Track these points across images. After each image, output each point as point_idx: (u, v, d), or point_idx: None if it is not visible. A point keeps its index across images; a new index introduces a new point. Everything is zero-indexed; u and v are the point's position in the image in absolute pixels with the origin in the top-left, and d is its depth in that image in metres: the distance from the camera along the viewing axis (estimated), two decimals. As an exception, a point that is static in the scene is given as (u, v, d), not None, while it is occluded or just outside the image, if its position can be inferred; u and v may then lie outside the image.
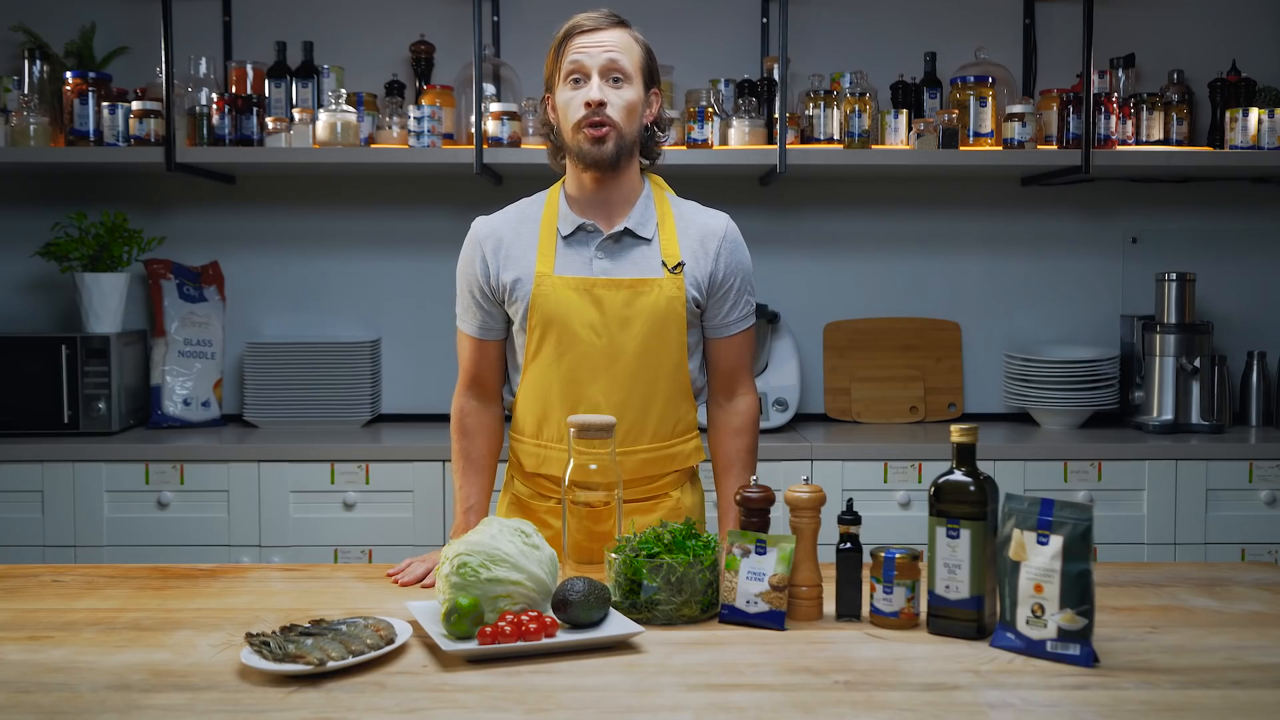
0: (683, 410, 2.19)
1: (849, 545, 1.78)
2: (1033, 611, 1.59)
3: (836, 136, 3.41)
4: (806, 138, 3.42)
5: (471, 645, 1.58)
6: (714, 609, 1.77)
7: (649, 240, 2.13)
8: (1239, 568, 2.10)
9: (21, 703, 1.43)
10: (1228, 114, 3.44)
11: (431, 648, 1.62)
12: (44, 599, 1.88)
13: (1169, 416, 3.41)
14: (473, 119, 3.29)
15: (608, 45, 2.06)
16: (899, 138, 3.38)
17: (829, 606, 1.79)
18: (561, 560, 1.87)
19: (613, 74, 2.06)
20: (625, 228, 2.11)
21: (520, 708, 1.41)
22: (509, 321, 2.18)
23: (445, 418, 3.67)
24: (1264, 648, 1.63)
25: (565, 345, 2.10)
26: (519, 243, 2.14)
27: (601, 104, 2.03)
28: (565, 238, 2.13)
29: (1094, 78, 3.35)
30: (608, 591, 1.69)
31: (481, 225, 2.18)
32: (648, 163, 2.20)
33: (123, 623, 1.75)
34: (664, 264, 2.11)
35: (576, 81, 2.06)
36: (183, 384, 3.49)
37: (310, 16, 3.62)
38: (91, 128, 3.35)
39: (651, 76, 2.13)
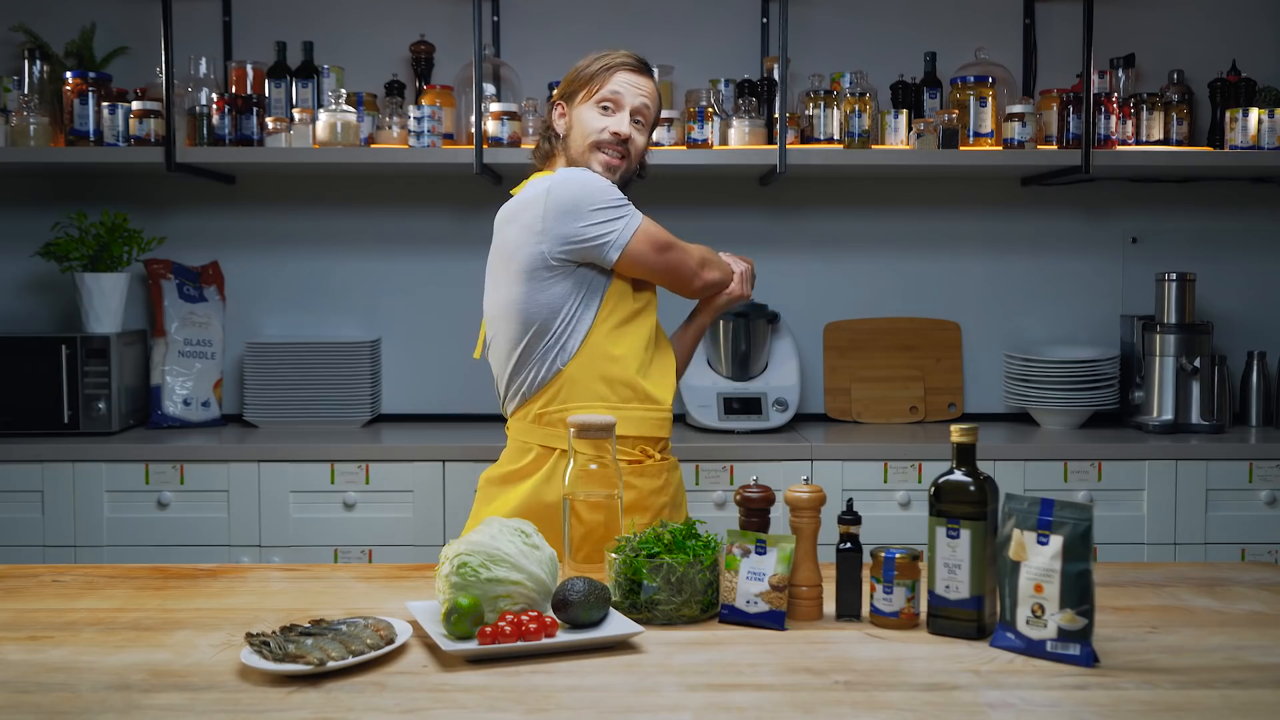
0: None
1: (849, 545, 1.78)
2: (1033, 611, 1.59)
3: (836, 136, 3.41)
4: (806, 138, 3.42)
5: (471, 645, 1.58)
6: (714, 609, 1.77)
7: None
8: (1239, 568, 2.10)
9: (21, 703, 1.43)
10: (1228, 114, 3.44)
11: (431, 648, 1.62)
12: (44, 599, 1.88)
13: (1169, 416, 3.41)
14: (473, 119, 3.29)
15: (645, 91, 2.31)
16: (899, 138, 3.38)
17: (829, 606, 1.79)
18: (561, 560, 1.87)
19: (638, 117, 2.30)
20: None
21: (520, 708, 1.41)
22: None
23: (445, 417, 3.71)
24: (1264, 648, 1.63)
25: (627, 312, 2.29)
26: None
27: (628, 139, 2.27)
28: None
29: (1094, 78, 3.35)
30: (608, 591, 1.69)
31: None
32: None
33: (123, 623, 1.75)
34: None
35: (606, 108, 2.27)
36: (183, 384, 3.50)
37: (310, 16, 3.63)
38: (91, 128, 3.35)
39: (653, 126, 2.38)
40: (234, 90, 3.47)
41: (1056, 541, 1.59)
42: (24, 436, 3.26)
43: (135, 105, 3.32)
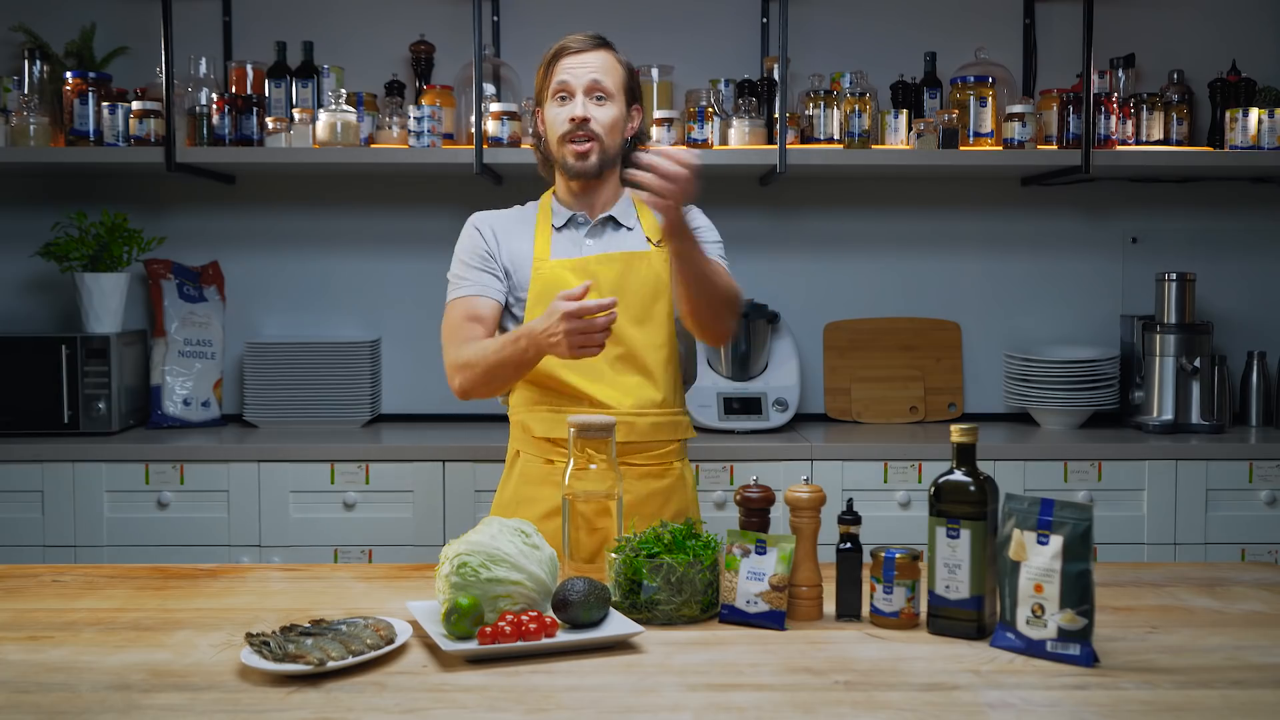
0: (676, 380, 2.32)
1: (849, 545, 1.78)
2: (1033, 611, 1.59)
3: (836, 136, 3.41)
4: (806, 138, 3.42)
5: (471, 645, 1.58)
6: (714, 609, 1.78)
7: (631, 228, 2.33)
8: (1239, 568, 2.11)
9: (21, 703, 1.43)
10: (1228, 114, 3.44)
11: (431, 648, 1.62)
12: (44, 599, 1.88)
13: (1169, 416, 3.41)
14: (473, 119, 3.29)
15: (592, 66, 2.25)
16: (899, 138, 3.38)
17: (829, 606, 1.79)
18: (561, 560, 1.87)
19: (596, 93, 2.24)
20: (609, 215, 2.32)
21: (520, 708, 1.41)
22: (505, 299, 2.30)
23: (445, 417, 3.70)
24: (1264, 648, 1.63)
25: None
26: (516, 233, 2.32)
27: (585, 120, 2.22)
28: (558, 229, 2.32)
29: (1094, 78, 3.34)
30: (608, 591, 1.70)
31: (479, 215, 2.40)
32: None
33: (123, 623, 1.75)
34: (649, 239, 2.30)
35: (563, 99, 2.26)
36: (183, 384, 3.49)
37: (310, 16, 3.62)
38: (91, 128, 3.35)
39: (633, 94, 2.32)
40: (234, 90, 3.47)
41: (1056, 541, 1.59)
42: (24, 436, 3.26)
43: (135, 105, 3.32)
